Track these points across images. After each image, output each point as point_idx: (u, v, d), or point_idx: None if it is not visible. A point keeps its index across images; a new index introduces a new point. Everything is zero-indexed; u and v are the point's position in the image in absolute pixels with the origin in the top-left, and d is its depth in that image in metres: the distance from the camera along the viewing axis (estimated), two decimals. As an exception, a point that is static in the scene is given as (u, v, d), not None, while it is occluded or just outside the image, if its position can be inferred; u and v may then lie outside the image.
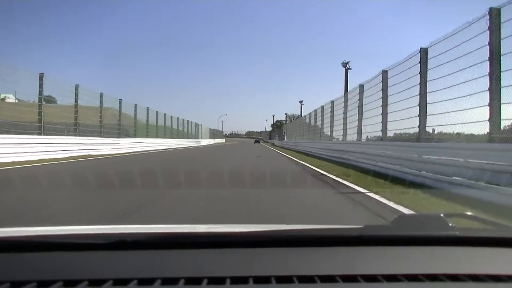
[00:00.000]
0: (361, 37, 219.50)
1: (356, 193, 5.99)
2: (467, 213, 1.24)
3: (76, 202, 4.84)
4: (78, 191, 5.48)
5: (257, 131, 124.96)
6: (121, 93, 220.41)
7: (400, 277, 0.80)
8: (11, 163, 10.06)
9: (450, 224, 1.05)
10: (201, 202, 4.91)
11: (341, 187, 6.87)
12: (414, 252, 0.97)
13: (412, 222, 1.18)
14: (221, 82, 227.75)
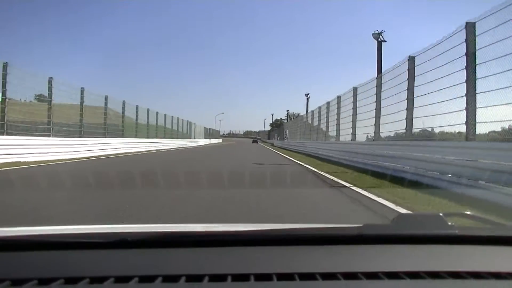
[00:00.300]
0: (360, 37, 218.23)
1: None
2: (466, 212, 1.26)
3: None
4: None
5: (255, 131, 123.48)
6: (120, 93, 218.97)
7: (401, 274, 0.81)
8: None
9: (449, 223, 1.06)
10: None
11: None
12: (414, 250, 0.99)
13: (412, 221, 1.18)
14: (219, 82, 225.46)
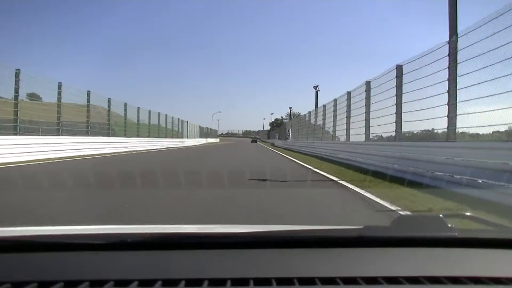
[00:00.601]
0: (361, 36, 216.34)
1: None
2: (466, 214, 1.24)
3: None
4: None
5: (254, 131, 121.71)
6: (120, 92, 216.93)
7: (400, 279, 0.80)
8: None
9: (449, 225, 1.05)
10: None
11: None
12: (414, 254, 0.97)
13: (412, 222, 1.16)
14: (219, 82, 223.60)
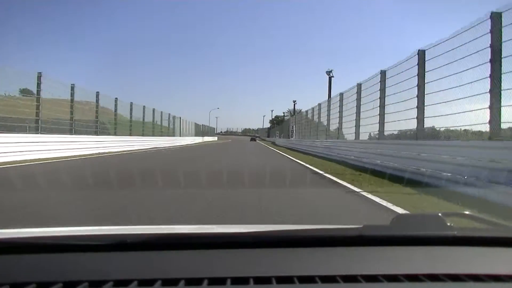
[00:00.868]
0: (360, 37, 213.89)
1: None
2: (465, 212, 1.24)
3: None
4: None
5: (253, 129, 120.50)
6: (119, 92, 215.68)
7: (400, 277, 0.80)
8: None
9: (448, 224, 1.05)
10: None
11: None
12: (413, 252, 0.97)
13: (411, 221, 1.18)
14: (218, 81, 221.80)
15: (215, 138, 68.99)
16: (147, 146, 22.61)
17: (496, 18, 5.88)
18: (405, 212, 4.18)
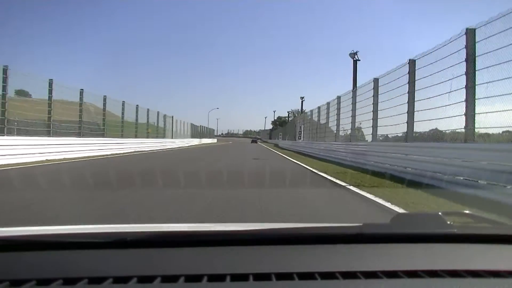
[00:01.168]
0: (360, 36, 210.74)
1: None
2: (465, 211, 1.25)
3: None
4: None
5: (255, 130, 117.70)
6: (119, 92, 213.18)
7: (400, 273, 0.80)
8: None
9: (448, 222, 1.05)
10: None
11: None
12: (413, 250, 0.97)
13: (411, 220, 1.16)
14: (218, 81, 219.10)
15: (214, 140, 65.81)
16: (126, 150, 18.94)
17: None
18: None
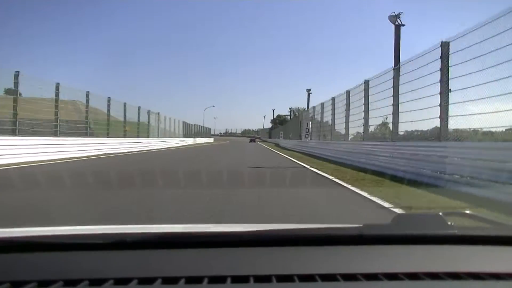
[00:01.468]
0: (361, 36, 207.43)
1: None
2: (465, 212, 1.23)
3: None
4: None
5: (254, 130, 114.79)
6: (118, 92, 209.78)
7: (400, 275, 0.80)
8: None
9: (449, 223, 1.04)
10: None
11: None
12: (414, 251, 0.97)
13: (411, 221, 1.16)
14: (218, 81, 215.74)
15: (211, 139, 62.32)
16: (96, 152, 15.35)
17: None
18: None
